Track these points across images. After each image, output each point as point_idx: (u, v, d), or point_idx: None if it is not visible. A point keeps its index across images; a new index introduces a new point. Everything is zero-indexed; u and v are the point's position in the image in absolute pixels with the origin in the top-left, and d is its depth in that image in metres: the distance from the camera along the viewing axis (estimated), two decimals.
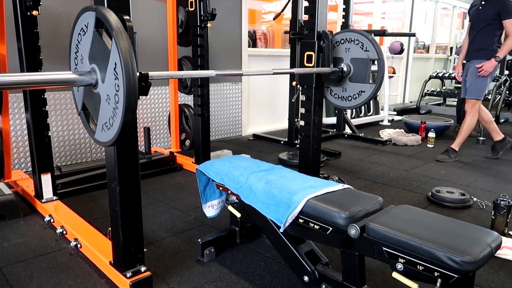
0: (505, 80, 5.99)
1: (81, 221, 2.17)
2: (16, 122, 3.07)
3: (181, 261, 1.91)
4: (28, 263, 1.87)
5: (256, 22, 5.88)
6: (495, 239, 1.22)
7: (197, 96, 3.22)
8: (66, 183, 2.72)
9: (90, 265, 1.85)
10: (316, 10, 2.35)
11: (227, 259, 1.92)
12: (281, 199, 1.55)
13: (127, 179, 1.58)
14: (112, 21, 1.20)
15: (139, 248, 1.68)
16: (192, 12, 3.09)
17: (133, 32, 1.39)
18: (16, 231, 2.19)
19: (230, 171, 1.80)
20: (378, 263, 1.65)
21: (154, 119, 3.98)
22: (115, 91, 1.23)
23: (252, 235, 2.09)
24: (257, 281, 1.75)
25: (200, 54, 3.12)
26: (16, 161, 3.11)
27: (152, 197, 2.73)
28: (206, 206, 1.99)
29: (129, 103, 1.20)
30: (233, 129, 4.82)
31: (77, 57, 1.43)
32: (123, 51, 1.17)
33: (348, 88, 2.39)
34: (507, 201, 2.20)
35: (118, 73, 1.20)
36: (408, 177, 3.31)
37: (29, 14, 2.21)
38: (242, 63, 4.65)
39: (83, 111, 1.49)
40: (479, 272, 1.80)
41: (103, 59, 1.26)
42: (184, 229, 2.25)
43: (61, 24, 3.11)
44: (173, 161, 3.39)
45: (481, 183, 3.15)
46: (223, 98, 4.60)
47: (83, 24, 1.34)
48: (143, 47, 3.22)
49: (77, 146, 3.43)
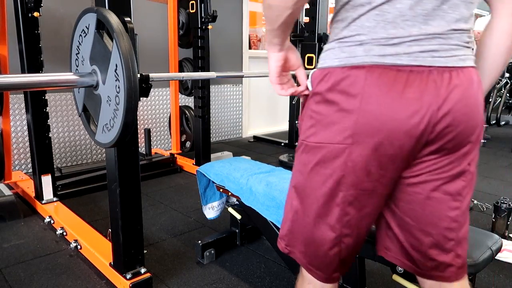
0: (505, 83, 5.99)
1: (81, 222, 2.17)
2: (17, 123, 3.07)
3: (181, 263, 1.90)
4: (28, 264, 1.86)
5: (257, 24, 5.88)
6: (495, 242, 1.22)
7: (197, 98, 3.23)
8: (67, 184, 2.72)
9: (90, 266, 1.85)
10: (316, 12, 2.36)
11: (227, 261, 1.92)
12: (281, 201, 1.54)
13: (127, 181, 1.58)
14: (113, 23, 1.20)
15: (139, 249, 1.68)
16: (193, 14, 3.10)
17: (134, 33, 1.39)
18: (16, 232, 2.19)
19: (230, 173, 1.80)
20: (379, 266, 1.65)
21: (155, 121, 3.99)
22: (115, 93, 1.23)
23: (252, 237, 2.09)
24: (257, 283, 1.75)
25: (201, 56, 3.12)
26: (17, 162, 3.11)
27: (152, 199, 2.73)
28: (206, 208, 1.99)
29: (130, 105, 1.20)
30: (233, 131, 4.82)
31: (78, 59, 1.43)
32: (124, 52, 1.17)
33: None
34: (507, 204, 2.20)
35: (119, 74, 1.21)
36: None
37: (30, 16, 2.21)
38: (242, 65, 4.66)
39: (83, 113, 1.49)
40: (480, 275, 1.80)
41: (104, 61, 1.26)
42: (184, 231, 2.25)
43: (62, 25, 3.11)
44: (173, 162, 3.39)
45: (482, 185, 3.15)
46: (223, 100, 4.60)
47: (84, 26, 1.35)
48: (144, 49, 3.22)
49: (77, 148, 3.43)
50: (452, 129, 0.78)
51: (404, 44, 0.75)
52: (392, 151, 0.78)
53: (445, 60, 0.76)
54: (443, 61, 0.76)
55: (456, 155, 0.82)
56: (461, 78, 0.77)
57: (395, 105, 0.75)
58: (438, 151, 0.80)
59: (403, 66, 0.75)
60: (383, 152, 0.78)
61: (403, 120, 0.75)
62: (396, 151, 0.78)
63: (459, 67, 0.77)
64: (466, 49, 0.79)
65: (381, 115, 0.75)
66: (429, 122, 0.75)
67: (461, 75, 0.77)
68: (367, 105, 0.76)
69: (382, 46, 0.75)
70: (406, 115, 0.75)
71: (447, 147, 0.80)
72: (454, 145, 0.80)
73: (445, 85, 0.75)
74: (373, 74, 0.75)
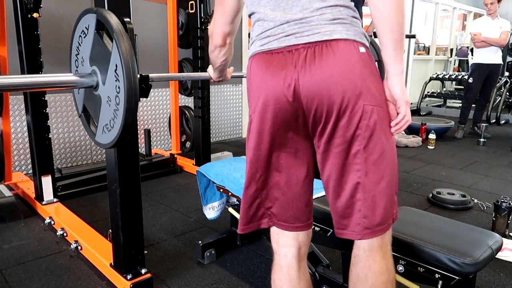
0: (505, 82, 5.99)
1: (82, 223, 2.17)
2: (17, 124, 3.07)
3: (182, 263, 1.90)
4: (28, 265, 1.86)
5: None
6: (496, 241, 1.22)
7: (197, 98, 3.23)
8: (67, 185, 2.72)
9: (90, 267, 1.85)
10: None
11: (227, 261, 1.92)
12: None
13: (127, 181, 1.58)
14: (113, 23, 1.20)
15: (139, 250, 1.68)
16: (192, 14, 3.10)
17: (134, 34, 1.39)
18: (16, 233, 2.18)
19: (230, 173, 1.80)
20: None
21: (155, 121, 3.99)
22: (115, 93, 1.23)
23: (252, 237, 2.09)
24: (258, 283, 1.74)
25: (201, 56, 3.12)
26: (17, 163, 3.11)
27: (153, 199, 2.73)
28: (206, 208, 1.99)
29: (130, 105, 1.20)
30: (233, 131, 4.82)
31: (77, 59, 1.43)
32: (123, 52, 1.17)
33: None
34: (508, 203, 2.20)
35: (119, 74, 1.21)
36: (408, 178, 3.30)
37: (30, 17, 2.21)
38: (242, 65, 4.66)
39: (83, 113, 1.49)
40: (480, 274, 1.80)
41: (104, 61, 1.26)
42: (185, 231, 2.25)
43: (62, 26, 3.11)
44: (173, 163, 3.39)
45: (482, 184, 3.15)
46: (223, 100, 4.60)
47: (84, 27, 1.35)
48: (144, 49, 3.22)
49: (77, 148, 3.43)
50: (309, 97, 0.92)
51: (273, 33, 0.96)
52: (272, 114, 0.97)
53: (307, 39, 0.91)
54: (306, 39, 0.91)
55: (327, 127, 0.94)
56: (324, 51, 0.90)
57: (267, 78, 0.96)
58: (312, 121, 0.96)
59: (273, 49, 0.95)
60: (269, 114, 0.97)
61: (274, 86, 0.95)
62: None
63: (323, 41, 0.91)
64: (332, 25, 0.92)
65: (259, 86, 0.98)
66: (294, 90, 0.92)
67: (327, 48, 0.90)
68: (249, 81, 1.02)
69: (260, 40, 0.99)
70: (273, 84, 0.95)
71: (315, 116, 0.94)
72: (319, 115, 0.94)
73: (302, 59, 0.91)
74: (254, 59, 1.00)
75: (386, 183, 0.95)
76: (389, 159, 0.96)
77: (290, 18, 0.94)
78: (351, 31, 0.93)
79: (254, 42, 1.01)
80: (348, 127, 0.92)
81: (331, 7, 0.93)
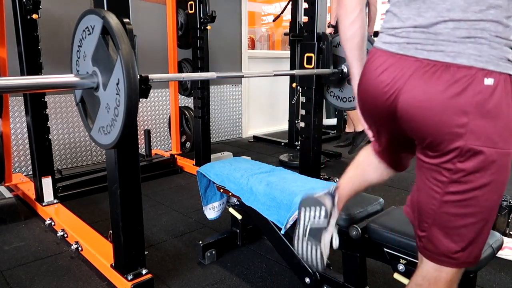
0: None
1: (82, 224, 2.17)
2: (17, 126, 3.07)
3: (182, 263, 1.90)
4: (29, 266, 1.86)
5: (256, 24, 5.89)
6: (496, 239, 1.21)
7: (197, 98, 3.22)
8: (67, 186, 2.72)
9: (91, 268, 1.85)
10: (315, 12, 2.36)
11: (228, 261, 1.92)
12: (282, 201, 1.54)
13: (127, 182, 1.58)
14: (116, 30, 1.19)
15: (140, 250, 1.68)
16: (192, 14, 3.10)
17: (133, 35, 1.39)
18: (17, 235, 2.19)
19: (230, 173, 1.80)
20: (380, 264, 1.65)
21: (155, 122, 3.99)
22: (116, 94, 1.23)
23: (253, 237, 2.09)
24: (259, 283, 1.75)
25: (200, 56, 3.12)
26: (17, 164, 3.11)
27: (153, 200, 2.73)
28: (207, 208, 1.99)
29: (130, 105, 1.20)
30: (233, 131, 4.82)
31: (79, 58, 1.42)
32: (124, 53, 1.17)
33: (346, 89, 2.39)
34: (508, 202, 2.20)
35: (119, 76, 1.20)
36: (409, 178, 3.30)
37: (29, 18, 2.21)
38: (242, 65, 4.66)
39: (81, 103, 1.47)
40: (481, 273, 1.80)
41: (106, 69, 1.26)
42: (185, 232, 2.25)
43: (61, 27, 3.11)
44: (173, 163, 3.39)
45: None
46: (223, 100, 4.60)
47: (85, 27, 1.34)
48: (143, 50, 3.22)
49: (77, 149, 3.44)
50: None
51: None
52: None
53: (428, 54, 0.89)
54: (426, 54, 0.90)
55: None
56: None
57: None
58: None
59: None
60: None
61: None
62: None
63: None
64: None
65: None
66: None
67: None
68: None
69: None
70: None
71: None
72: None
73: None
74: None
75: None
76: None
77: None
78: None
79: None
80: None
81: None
